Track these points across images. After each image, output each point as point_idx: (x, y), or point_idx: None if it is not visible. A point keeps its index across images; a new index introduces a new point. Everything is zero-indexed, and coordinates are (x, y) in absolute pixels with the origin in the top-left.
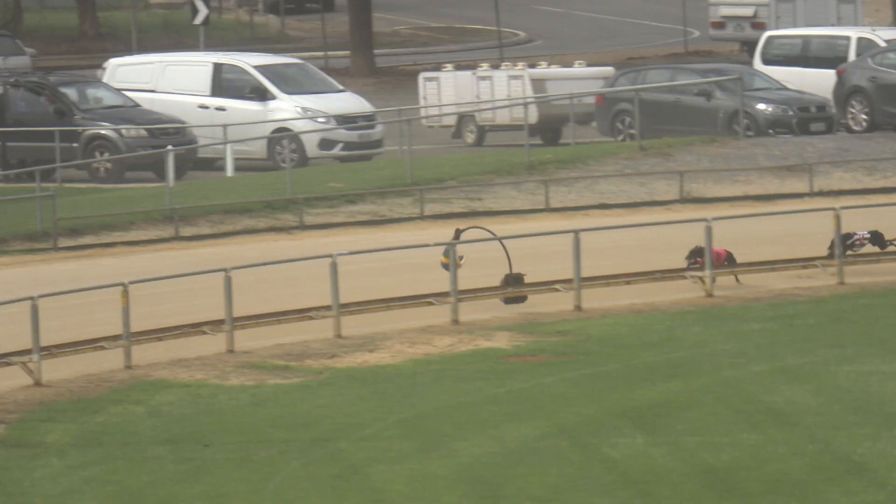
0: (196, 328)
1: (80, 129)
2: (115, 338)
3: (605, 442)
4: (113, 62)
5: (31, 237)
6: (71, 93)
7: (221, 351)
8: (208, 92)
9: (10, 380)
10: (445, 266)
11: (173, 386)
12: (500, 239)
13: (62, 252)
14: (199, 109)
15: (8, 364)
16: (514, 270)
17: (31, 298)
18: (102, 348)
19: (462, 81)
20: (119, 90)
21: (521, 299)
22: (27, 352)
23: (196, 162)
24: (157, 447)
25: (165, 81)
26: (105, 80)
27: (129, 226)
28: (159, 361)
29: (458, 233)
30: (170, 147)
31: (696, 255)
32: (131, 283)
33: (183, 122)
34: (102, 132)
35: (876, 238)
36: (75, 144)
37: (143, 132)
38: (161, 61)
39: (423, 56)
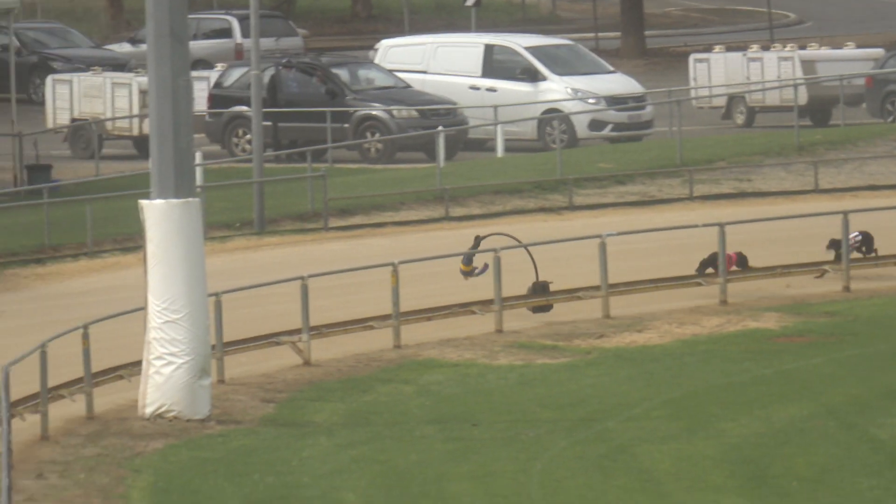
0: (465, 308)
1: (351, 109)
2: (385, 317)
3: (872, 422)
4: (385, 43)
5: (301, 217)
6: (343, 74)
7: (490, 331)
8: (479, 73)
9: (279, 359)
10: (465, 274)
11: (442, 365)
12: (525, 246)
13: (332, 232)
14: (470, 90)
15: (278, 344)
16: (545, 277)
17: (301, 278)
18: (372, 328)
19: (732, 63)
20: (391, 71)
21: (547, 308)
22: (297, 331)
23: (466, 142)
24: (426, 426)
25: (437, 62)
26: (377, 61)
27: (399, 206)
28: (428, 341)
29: (478, 240)
30: (441, 128)
31: (708, 264)
32: (401, 262)
33: (454, 103)
34: (374, 113)
35: (866, 240)
36: (346, 125)
37: (415, 113)
38: (433, 42)
39: (693, 37)
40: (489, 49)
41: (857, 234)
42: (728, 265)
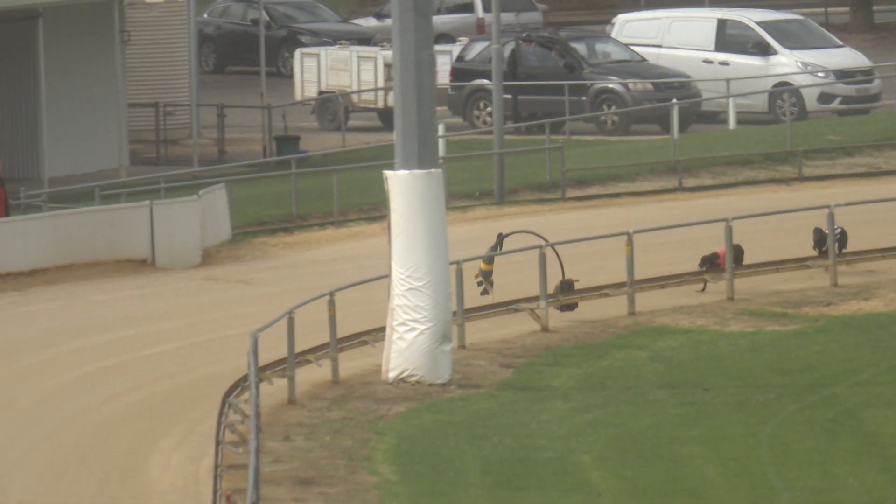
0: (697, 276)
1: (588, 82)
2: (620, 285)
3: None
4: (621, 18)
5: (540, 187)
6: (580, 48)
7: (721, 298)
8: (712, 47)
9: (518, 326)
10: (485, 274)
11: (675, 332)
12: (552, 245)
13: (570, 202)
14: (703, 64)
15: (517, 310)
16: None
17: (539, 247)
18: (607, 295)
19: None
20: (627, 45)
21: (572, 307)
22: (535, 298)
23: (699, 115)
24: (659, 391)
25: (671, 37)
26: (613, 35)
27: (635, 177)
28: (661, 308)
29: (500, 238)
30: (674, 100)
31: (707, 262)
32: (636, 231)
33: (687, 77)
34: (610, 86)
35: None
36: (584, 98)
37: (649, 86)
38: (667, 17)
39: None
40: (722, 24)
41: (837, 228)
42: (724, 261)
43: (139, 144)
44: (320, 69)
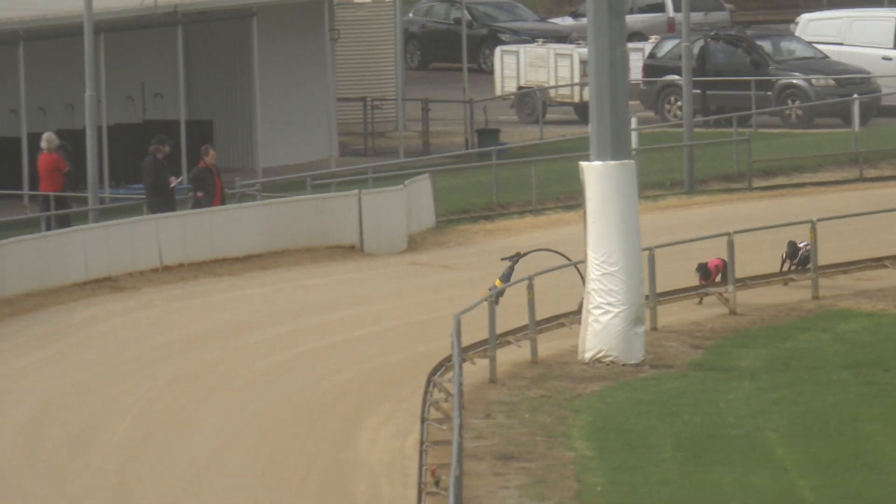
0: (878, 262)
1: (773, 78)
2: (806, 271)
3: None
4: (805, 17)
5: (727, 178)
6: (766, 45)
7: None
8: (891, 44)
9: (707, 309)
10: (497, 290)
11: (857, 315)
12: (574, 263)
13: (755, 192)
14: (883, 61)
15: (706, 294)
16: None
17: (727, 234)
18: (792, 280)
19: None
20: (810, 43)
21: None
22: (723, 283)
23: (880, 109)
24: (841, 371)
25: (852, 35)
26: (797, 33)
27: (817, 168)
28: (844, 293)
29: (518, 256)
30: (855, 95)
31: (701, 270)
32: (818, 220)
33: (868, 73)
34: (794, 81)
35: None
36: (769, 93)
37: (832, 82)
38: (848, 16)
39: None
40: None
41: (805, 243)
42: (714, 274)
43: (348, 137)
44: (519, 65)
